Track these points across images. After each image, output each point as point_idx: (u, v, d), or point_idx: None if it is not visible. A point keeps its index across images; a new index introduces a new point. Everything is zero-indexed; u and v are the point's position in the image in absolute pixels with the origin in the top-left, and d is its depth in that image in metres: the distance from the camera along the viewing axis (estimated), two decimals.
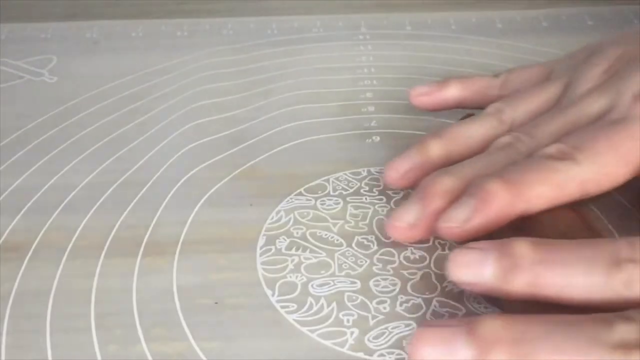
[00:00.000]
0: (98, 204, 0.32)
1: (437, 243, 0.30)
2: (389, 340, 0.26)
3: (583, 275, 0.23)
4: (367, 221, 0.31)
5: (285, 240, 0.30)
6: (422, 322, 0.24)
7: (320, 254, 0.30)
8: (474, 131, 0.32)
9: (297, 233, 0.31)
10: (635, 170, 0.28)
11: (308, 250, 0.30)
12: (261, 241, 0.30)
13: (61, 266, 0.29)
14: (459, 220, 0.27)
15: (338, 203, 0.32)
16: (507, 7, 0.48)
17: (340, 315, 0.27)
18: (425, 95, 0.36)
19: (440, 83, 0.36)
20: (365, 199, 0.33)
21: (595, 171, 0.28)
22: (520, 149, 0.30)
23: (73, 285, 0.28)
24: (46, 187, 0.33)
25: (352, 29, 0.46)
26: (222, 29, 0.46)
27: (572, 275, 0.23)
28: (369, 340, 0.26)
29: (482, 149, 0.31)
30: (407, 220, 0.28)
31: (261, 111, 0.39)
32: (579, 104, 0.31)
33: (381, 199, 0.32)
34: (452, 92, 0.36)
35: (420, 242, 0.29)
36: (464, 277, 0.24)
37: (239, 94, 0.40)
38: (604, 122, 0.29)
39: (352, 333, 0.26)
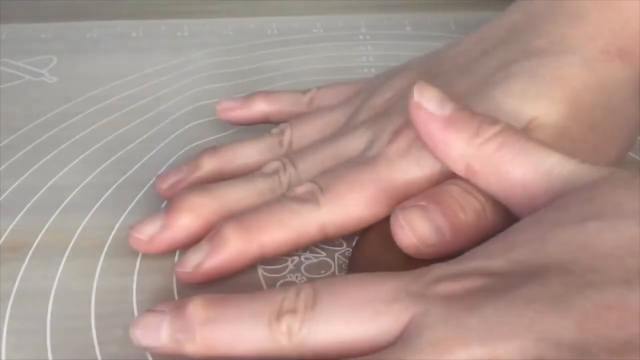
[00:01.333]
0: (98, 204, 0.32)
1: None
2: None
3: (248, 331, 0.22)
4: None
5: None
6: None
7: (320, 254, 0.30)
8: (250, 151, 0.32)
9: None
10: (383, 212, 0.28)
11: (308, 250, 0.30)
12: None
13: (61, 266, 0.29)
14: (191, 265, 0.27)
15: None
16: None
17: None
18: (230, 111, 0.35)
19: (246, 98, 0.35)
20: None
21: (335, 214, 0.27)
22: (282, 179, 0.29)
23: (73, 285, 0.28)
24: (46, 187, 0.33)
25: (352, 29, 0.46)
26: (222, 29, 0.46)
27: (238, 332, 0.22)
28: None
29: (254, 170, 0.31)
30: (147, 232, 0.28)
31: None
32: (345, 136, 0.30)
33: None
34: (258, 108, 0.35)
35: None
36: (144, 342, 0.23)
37: (239, 94, 0.40)
38: (355, 161, 0.29)
39: None
